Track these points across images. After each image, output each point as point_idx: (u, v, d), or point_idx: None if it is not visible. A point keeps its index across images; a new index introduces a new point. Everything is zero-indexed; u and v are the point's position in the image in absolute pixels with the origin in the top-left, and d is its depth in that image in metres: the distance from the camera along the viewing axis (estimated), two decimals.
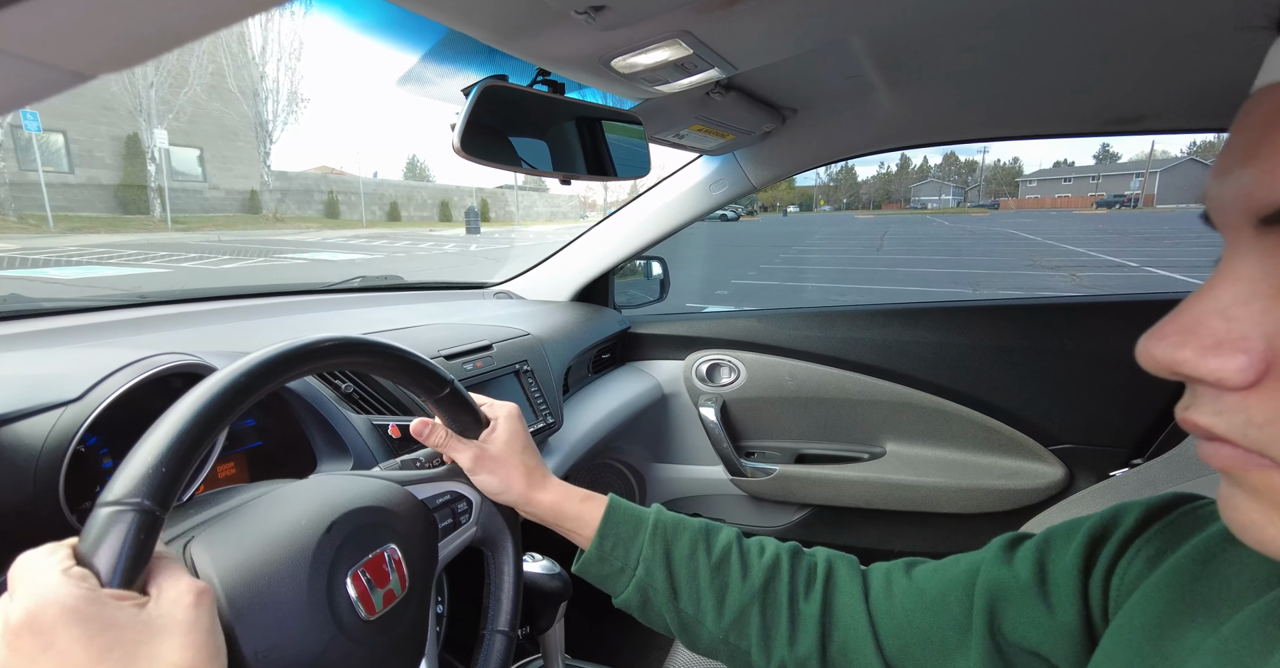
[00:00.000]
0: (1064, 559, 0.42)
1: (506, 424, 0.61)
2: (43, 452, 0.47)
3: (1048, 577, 0.43)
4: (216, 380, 0.42)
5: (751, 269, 12.00)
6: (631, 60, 0.68)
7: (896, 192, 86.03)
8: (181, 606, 0.33)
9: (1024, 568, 0.45)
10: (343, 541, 0.49)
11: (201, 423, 0.39)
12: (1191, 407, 0.27)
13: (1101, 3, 0.68)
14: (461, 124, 0.63)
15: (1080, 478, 1.32)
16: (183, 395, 0.41)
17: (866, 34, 0.79)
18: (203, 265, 10.79)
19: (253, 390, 0.43)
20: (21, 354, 0.66)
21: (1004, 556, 0.47)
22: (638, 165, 0.89)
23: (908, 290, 9.35)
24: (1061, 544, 0.44)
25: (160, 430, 0.38)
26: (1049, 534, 0.45)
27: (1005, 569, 0.46)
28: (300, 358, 0.46)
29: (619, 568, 0.57)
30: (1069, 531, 0.44)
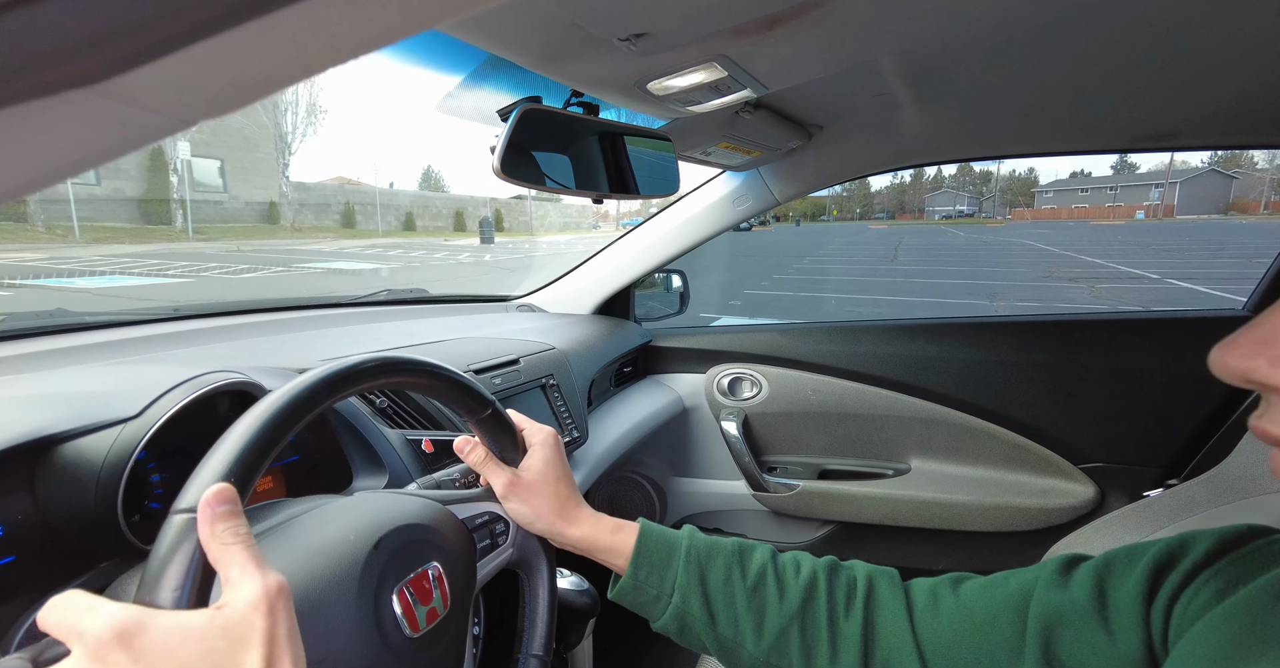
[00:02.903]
0: (1126, 585, 0.42)
1: (542, 451, 0.61)
2: (104, 466, 0.48)
3: (1108, 602, 0.43)
4: (280, 395, 0.43)
5: (765, 279, 11.98)
6: (667, 83, 0.69)
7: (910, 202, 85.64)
8: (260, 612, 0.33)
9: (1082, 592, 0.44)
10: (389, 557, 0.50)
11: (266, 435, 0.40)
12: (1264, 416, 0.28)
13: (1133, 20, 0.68)
14: (502, 147, 0.64)
15: (1112, 497, 1.30)
16: (248, 410, 0.42)
17: (896, 54, 0.80)
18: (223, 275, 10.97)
19: (313, 406, 0.44)
20: (76, 369, 0.68)
21: (1059, 578, 0.46)
22: (667, 183, 0.90)
23: (924, 302, 9.29)
24: (1123, 569, 0.43)
25: (229, 442, 0.39)
26: (1109, 558, 0.45)
27: (1062, 593, 0.45)
28: (357, 376, 0.48)
29: (654, 596, 0.57)
30: (1130, 556, 0.44)
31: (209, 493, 0.36)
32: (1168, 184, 57.12)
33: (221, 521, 0.35)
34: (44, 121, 0.20)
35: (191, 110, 0.23)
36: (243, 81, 0.23)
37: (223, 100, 0.24)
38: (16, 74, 0.19)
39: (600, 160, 0.79)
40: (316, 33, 0.22)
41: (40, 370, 0.75)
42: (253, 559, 0.35)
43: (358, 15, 0.22)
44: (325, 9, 0.21)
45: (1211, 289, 9.76)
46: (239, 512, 0.36)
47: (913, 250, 19.68)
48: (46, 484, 0.49)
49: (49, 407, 0.51)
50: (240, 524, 0.36)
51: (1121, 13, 0.66)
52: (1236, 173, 55.65)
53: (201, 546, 0.35)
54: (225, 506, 0.36)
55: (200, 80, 0.22)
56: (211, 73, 0.22)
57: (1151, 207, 57.40)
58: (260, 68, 0.23)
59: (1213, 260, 14.43)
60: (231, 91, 0.23)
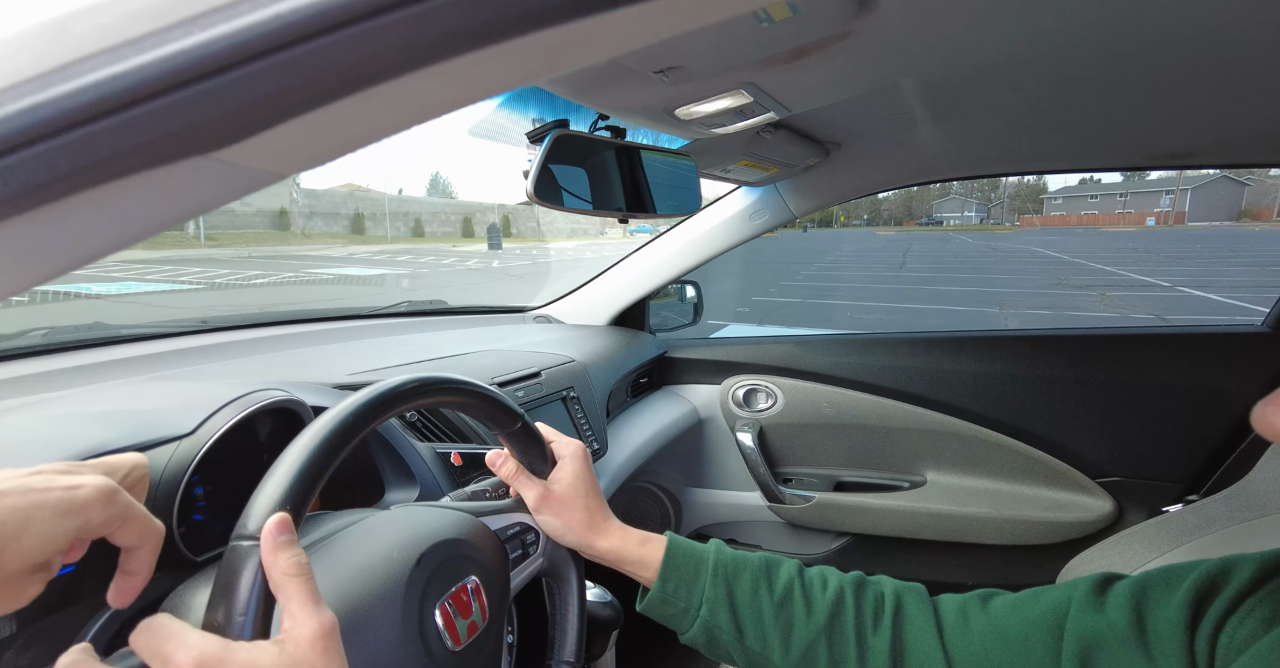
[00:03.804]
0: (1166, 611, 0.42)
1: (572, 464, 0.62)
2: (160, 482, 0.50)
3: (1147, 627, 0.43)
4: (328, 421, 0.45)
5: (772, 286, 11.98)
6: (695, 109, 0.71)
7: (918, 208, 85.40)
8: (318, 650, 0.35)
9: (1119, 615, 0.44)
10: (431, 573, 0.51)
11: (318, 462, 0.42)
12: None
13: (1149, 44, 0.69)
14: (535, 171, 0.66)
15: (1130, 512, 1.30)
16: (297, 437, 0.44)
17: (917, 76, 0.81)
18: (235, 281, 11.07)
19: (359, 430, 0.46)
20: (130, 387, 0.70)
21: (1094, 599, 0.46)
22: (690, 202, 0.92)
23: (933, 309, 9.26)
24: (1161, 594, 0.43)
25: (282, 469, 0.41)
26: (1145, 581, 0.45)
27: (1098, 615, 0.45)
28: (398, 398, 0.49)
29: (682, 609, 0.58)
30: (1168, 580, 0.44)
31: (271, 523, 0.38)
32: (1179, 191, 56.71)
33: (283, 550, 0.37)
34: (168, 182, 0.23)
35: (289, 167, 0.26)
36: (336, 143, 0.25)
37: (317, 158, 0.26)
38: (150, 147, 0.21)
39: (626, 181, 0.81)
40: (405, 102, 0.24)
41: (86, 384, 0.77)
42: (311, 595, 0.37)
43: (441, 86, 0.24)
44: (414, 85, 0.23)
45: (1225, 297, 9.68)
46: (296, 541, 0.38)
47: (921, 257, 19.63)
48: None
49: (108, 423, 0.53)
50: (300, 554, 0.38)
51: (1138, 37, 0.67)
52: (1249, 180, 55.23)
53: (264, 573, 0.37)
54: (285, 535, 0.38)
55: (300, 144, 0.24)
56: (310, 138, 0.24)
57: (1162, 213, 56.98)
58: (352, 132, 0.25)
59: (1226, 268, 14.31)
60: (325, 151, 0.25)
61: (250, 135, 0.22)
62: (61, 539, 0.33)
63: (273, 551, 0.37)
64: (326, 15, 0.20)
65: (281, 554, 0.37)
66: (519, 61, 0.24)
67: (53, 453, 0.49)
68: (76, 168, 0.20)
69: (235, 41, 0.20)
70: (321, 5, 0.20)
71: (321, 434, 0.44)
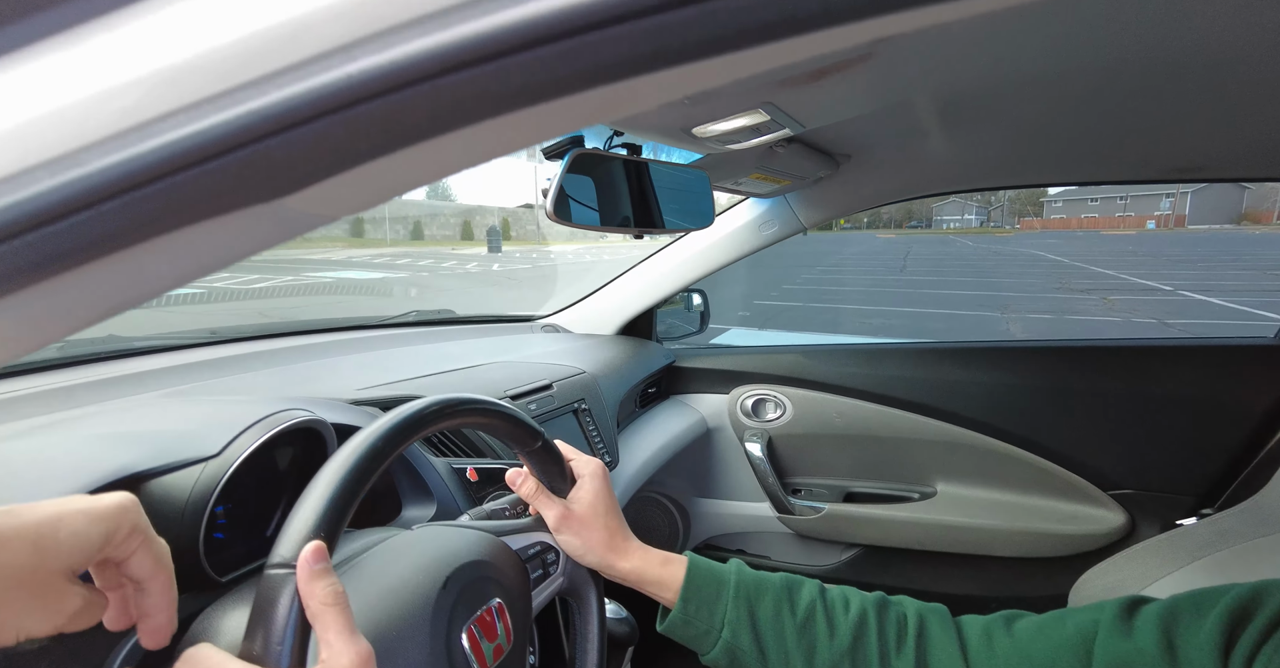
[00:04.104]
0: (1197, 636, 0.42)
1: (592, 483, 0.62)
2: (188, 503, 0.50)
3: (1178, 653, 0.43)
4: (357, 447, 0.45)
5: (773, 290, 11.98)
6: (712, 127, 0.71)
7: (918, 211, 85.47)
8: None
9: (1148, 641, 0.44)
10: (457, 596, 0.51)
11: (349, 488, 0.42)
12: None
13: (1162, 62, 0.70)
14: (554, 191, 0.67)
15: (1143, 525, 1.30)
16: (328, 463, 0.44)
17: (931, 92, 0.82)
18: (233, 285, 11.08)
19: (388, 454, 0.46)
20: (146, 406, 0.70)
21: (1122, 624, 0.46)
22: (703, 217, 0.92)
23: (935, 313, 9.26)
24: (1191, 619, 0.43)
25: (315, 496, 0.41)
26: (1174, 606, 0.45)
27: (1126, 640, 0.45)
28: (424, 420, 0.49)
29: (704, 630, 0.58)
30: (1197, 605, 0.44)
31: (307, 551, 0.38)
32: (1178, 194, 56.78)
33: (319, 579, 0.37)
34: (233, 226, 0.23)
35: (341, 210, 0.26)
36: (387, 188, 0.26)
37: (368, 202, 0.26)
38: (220, 197, 0.21)
39: (642, 197, 0.81)
40: (456, 152, 0.24)
41: (103, 399, 0.77)
42: (348, 625, 0.37)
43: (497, 136, 0.24)
44: (469, 136, 0.23)
45: (1228, 302, 9.68)
46: (331, 569, 0.38)
47: (921, 260, 19.64)
48: None
49: (135, 445, 0.53)
50: (336, 583, 0.38)
51: (1148, 54, 0.68)
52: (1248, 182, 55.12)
53: (300, 602, 0.37)
54: (321, 564, 0.38)
55: (355, 191, 0.25)
56: (363, 185, 0.24)
57: (1162, 217, 57.05)
58: (403, 179, 0.25)
59: (1227, 272, 14.32)
60: (376, 196, 0.26)
61: (313, 184, 0.23)
62: (94, 544, 0.33)
63: (309, 579, 0.37)
64: (397, 76, 0.20)
65: (318, 583, 0.37)
66: (581, 111, 0.24)
67: (81, 474, 0.49)
68: (159, 214, 0.21)
69: (311, 98, 0.20)
70: (392, 67, 0.20)
71: (352, 459, 0.44)
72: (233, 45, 0.20)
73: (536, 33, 0.20)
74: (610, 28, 0.20)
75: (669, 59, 0.21)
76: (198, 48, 0.20)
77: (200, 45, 0.20)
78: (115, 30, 0.21)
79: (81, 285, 0.22)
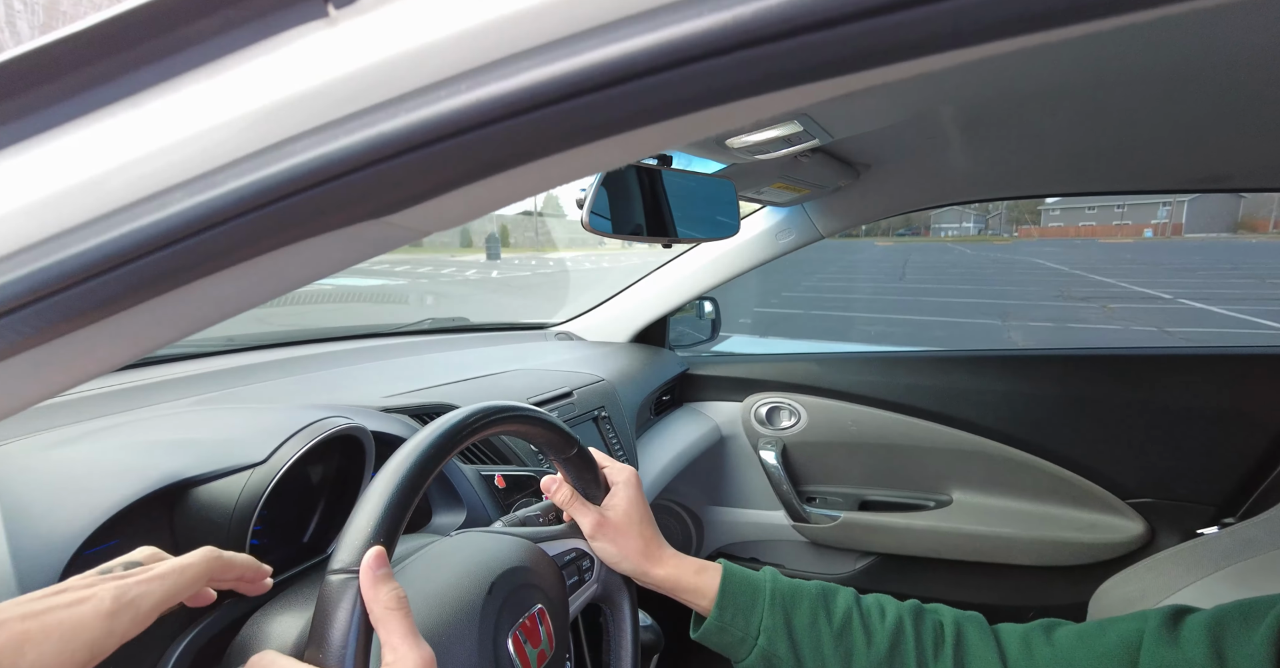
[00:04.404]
0: (1247, 647, 0.42)
1: (626, 491, 0.63)
2: (236, 509, 0.51)
3: (1227, 663, 0.43)
4: (409, 454, 0.45)
5: (774, 297, 12.01)
6: (745, 139, 0.72)
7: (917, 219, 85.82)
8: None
9: (1198, 651, 0.44)
10: (501, 602, 0.51)
11: (404, 495, 0.43)
12: None
13: (1188, 69, 0.70)
14: (590, 201, 0.67)
15: (1162, 534, 1.29)
16: (381, 471, 0.44)
17: (959, 102, 0.82)
18: None
19: (439, 460, 0.46)
20: (194, 412, 0.71)
21: (1167, 634, 0.46)
22: (730, 226, 0.93)
23: (936, 320, 9.28)
24: (1240, 629, 0.44)
25: (371, 503, 0.41)
26: (1221, 616, 0.45)
27: (1173, 650, 0.45)
28: (471, 428, 0.50)
29: (740, 638, 0.58)
30: (1246, 615, 0.44)
31: (369, 557, 0.38)
32: (1175, 202, 57.04)
33: (382, 584, 0.37)
34: (340, 241, 0.24)
35: (433, 227, 0.27)
36: (479, 208, 0.26)
37: (457, 221, 0.27)
38: (332, 213, 0.22)
39: (671, 207, 0.82)
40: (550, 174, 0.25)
41: (129, 408, 0.78)
42: (411, 629, 0.37)
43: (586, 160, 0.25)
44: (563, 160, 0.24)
45: (1227, 310, 9.71)
46: (392, 574, 0.38)
47: (921, 268, 19.70)
48: (185, 526, 0.52)
49: (185, 451, 0.54)
50: (397, 587, 0.38)
51: (1175, 63, 0.68)
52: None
53: (363, 606, 0.37)
54: (383, 569, 0.38)
55: (448, 211, 0.25)
56: (457, 205, 0.25)
57: (1160, 225, 57.31)
58: (495, 199, 0.26)
59: (1225, 280, 14.37)
60: (468, 214, 0.27)
61: (411, 206, 0.23)
62: (77, 658, 0.30)
63: (373, 584, 0.37)
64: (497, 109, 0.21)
65: (382, 588, 0.37)
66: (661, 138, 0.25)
67: (134, 479, 0.50)
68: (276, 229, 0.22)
69: (428, 125, 0.21)
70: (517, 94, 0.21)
71: (405, 467, 0.44)
72: (365, 71, 0.21)
73: (652, 61, 0.21)
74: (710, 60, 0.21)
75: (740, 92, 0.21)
76: (332, 74, 0.21)
77: (333, 72, 0.21)
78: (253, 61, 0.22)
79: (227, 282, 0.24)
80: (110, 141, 0.23)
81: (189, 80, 0.22)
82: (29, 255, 0.24)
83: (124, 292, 0.25)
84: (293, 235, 0.22)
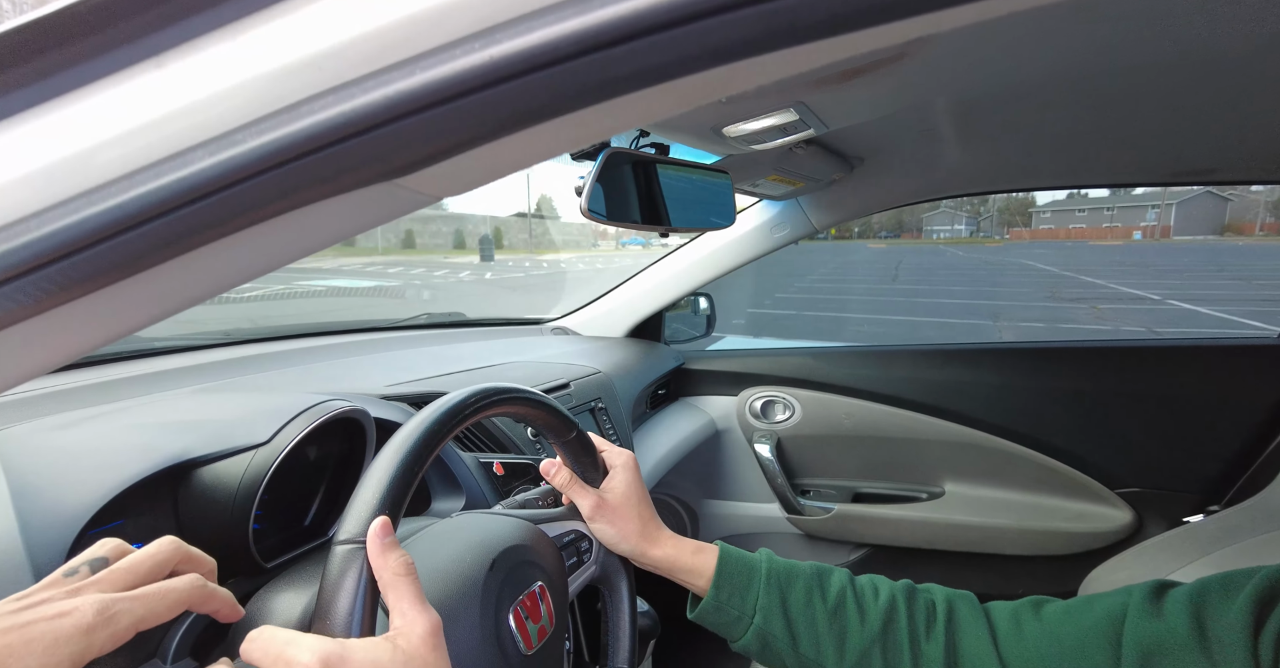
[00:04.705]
0: (1227, 616, 0.43)
1: (624, 474, 0.63)
2: (240, 489, 0.51)
3: (1209, 632, 0.44)
4: (412, 431, 0.46)
5: (766, 298, 12.04)
6: (742, 127, 0.73)
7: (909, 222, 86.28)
8: (429, 646, 0.36)
9: (1179, 621, 0.45)
10: (503, 578, 0.52)
11: (407, 469, 0.43)
12: None
13: (1175, 64, 0.72)
14: (589, 188, 0.68)
15: (1150, 523, 1.32)
16: (385, 446, 0.45)
17: (953, 96, 0.84)
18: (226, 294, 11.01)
19: (441, 437, 0.47)
20: (180, 397, 0.71)
21: (1151, 606, 0.48)
22: (725, 216, 0.94)
23: (928, 321, 9.33)
24: (1220, 600, 0.45)
25: (376, 477, 0.42)
26: (1202, 587, 0.46)
27: (1157, 621, 0.46)
28: (473, 407, 0.50)
29: (736, 617, 0.59)
30: (1226, 586, 0.45)
31: (376, 526, 0.38)
32: (1164, 205, 57.66)
33: (390, 551, 0.38)
34: (352, 205, 0.24)
35: (447, 191, 0.27)
36: (489, 172, 0.27)
37: (471, 184, 0.27)
38: (352, 172, 0.23)
39: (668, 196, 0.83)
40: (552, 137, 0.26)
41: (128, 397, 0.78)
42: (419, 595, 0.38)
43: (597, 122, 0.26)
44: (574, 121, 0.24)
45: (1214, 311, 9.82)
46: (398, 543, 0.39)
47: (913, 270, 19.80)
48: (189, 505, 0.52)
49: (190, 431, 0.54)
50: (404, 555, 0.38)
51: (1164, 57, 0.70)
52: (1231, 195, 56.38)
53: (370, 574, 0.38)
54: (389, 537, 0.38)
55: (463, 172, 0.26)
56: (472, 167, 0.26)
57: (1148, 227, 57.90)
58: (504, 162, 0.27)
59: (1212, 282, 14.53)
60: (479, 179, 0.27)
61: (431, 165, 0.24)
62: None
63: (380, 552, 0.38)
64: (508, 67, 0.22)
65: (390, 555, 0.38)
66: (667, 100, 0.25)
67: (138, 458, 0.50)
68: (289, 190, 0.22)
69: (438, 85, 0.22)
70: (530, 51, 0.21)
71: (409, 442, 0.45)
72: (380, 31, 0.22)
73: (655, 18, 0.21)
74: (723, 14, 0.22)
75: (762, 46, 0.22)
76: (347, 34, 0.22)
77: (348, 32, 0.22)
78: (271, 22, 0.23)
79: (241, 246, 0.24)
80: (133, 102, 0.24)
81: (209, 42, 0.23)
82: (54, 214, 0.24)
83: (141, 253, 0.25)
84: (305, 198, 0.23)
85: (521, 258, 30.96)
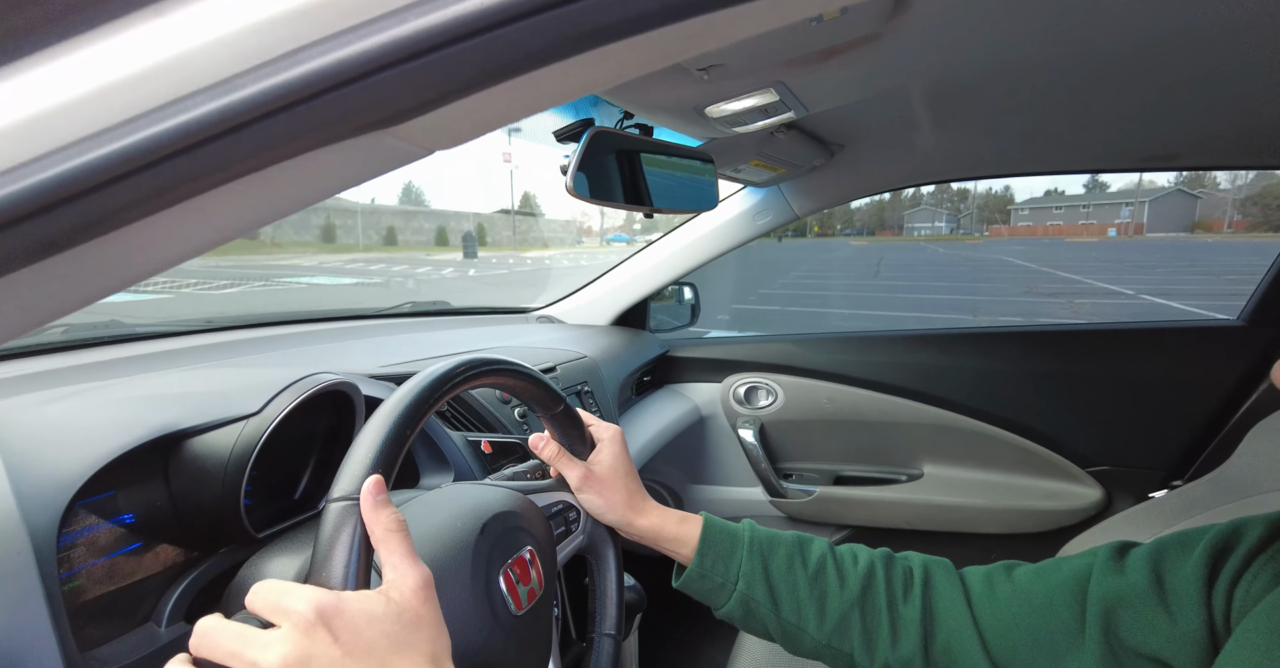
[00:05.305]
0: (1183, 570, 0.46)
1: (611, 447, 0.65)
2: (230, 459, 0.52)
3: (1166, 585, 0.46)
4: (405, 394, 0.47)
5: (751, 294, 12.11)
6: (724, 107, 0.74)
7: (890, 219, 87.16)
8: (421, 598, 0.37)
9: (1139, 576, 0.48)
10: (494, 542, 0.53)
11: (399, 431, 0.44)
12: None
13: (1140, 53, 0.75)
14: (574, 167, 0.69)
15: (1118, 499, 1.36)
16: (378, 409, 0.46)
17: (926, 79, 0.86)
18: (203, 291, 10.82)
19: (432, 403, 0.48)
20: (187, 371, 0.71)
21: (1114, 564, 0.50)
22: (709, 199, 0.95)
23: (909, 316, 9.45)
24: (1177, 555, 0.47)
25: (369, 437, 0.43)
26: (1161, 545, 0.49)
27: (1119, 577, 0.49)
28: (463, 375, 0.51)
29: (719, 583, 0.61)
30: (1183, 543, 0.48)
31: (369, 483, 0.39)
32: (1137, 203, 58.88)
33: (382, 508, 0.39)
34: (345, 154, 0.25)
35: (437, 144, 0.28)
36: (477, 125, 0.28)
37: (459, 138, 0.28)
38: (344, 121, 0.24)
39: (652, 177, 0.84)
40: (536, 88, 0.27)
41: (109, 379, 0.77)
42: (410, 550, 0.39)
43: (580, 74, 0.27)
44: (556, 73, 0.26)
45: (1185, 305, 10.06)
46: (390, 501, 0.40)
47: (894, 266, 20.02)
48: (179, 476, 0.52)
49: (177, 404, 0.54)
50: (395, 512, 0.39)
51: (1127, 43, 0.72)
52: (1201, 193, 57.82)
53: (363, 530, 0.39)
54: (382, 495, 0.39)
55: (452, 124, 0.27)
56: (460, 119, 0.27)
57: (1123, 224, 59.10)
58: (491, 115, 0.28)
59: (1183, 277, 14.89)
60: (467, 131, 0.28)
61: (422, 114, 0.25)
62: None
63: (373, 509, 0.39)
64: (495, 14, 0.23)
65: (382, 511, 0.39)
66: (649, 51, 0.27)
67: (127, 430, 0.50)
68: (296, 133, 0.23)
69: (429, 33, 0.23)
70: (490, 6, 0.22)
71: (402, 405, 0.46)
72: None
73: None
74: None
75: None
76: None
77: None
78: None
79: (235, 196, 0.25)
80: (133, 49, 0.24)
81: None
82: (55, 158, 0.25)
83: (140, 200, 0.25)
84: (300, 145, 0.23)
85: (506, 254, 30.77)
